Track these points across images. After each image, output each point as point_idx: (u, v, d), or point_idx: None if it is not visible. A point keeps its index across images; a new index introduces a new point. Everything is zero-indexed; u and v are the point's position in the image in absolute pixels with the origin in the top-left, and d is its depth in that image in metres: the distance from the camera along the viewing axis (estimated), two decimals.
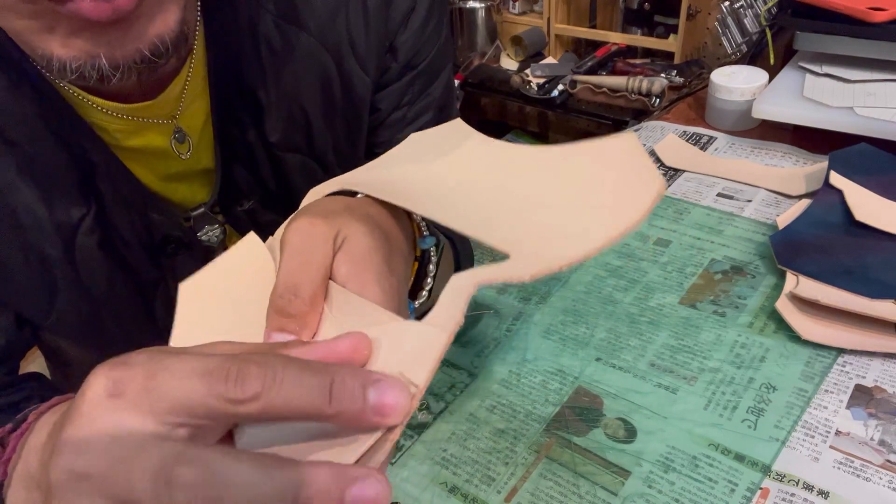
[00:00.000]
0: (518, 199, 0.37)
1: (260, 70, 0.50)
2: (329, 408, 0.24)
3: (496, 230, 0.34)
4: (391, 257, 0.34)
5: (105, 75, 0.36)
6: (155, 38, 0.36)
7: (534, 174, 0.38)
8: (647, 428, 0.52)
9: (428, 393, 0.57)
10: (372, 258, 0.32)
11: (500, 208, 0.36)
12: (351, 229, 0.33)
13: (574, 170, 0.38)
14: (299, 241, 0.32)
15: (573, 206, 0.35)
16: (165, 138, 0.49)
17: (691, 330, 0.60)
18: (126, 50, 0.36)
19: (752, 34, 1.23)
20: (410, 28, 0.55)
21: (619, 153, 0.37)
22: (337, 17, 0.51)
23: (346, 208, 0.35)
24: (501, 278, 0.30)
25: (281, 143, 0.53)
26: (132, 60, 0.36)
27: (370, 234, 0.33)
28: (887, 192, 0.69)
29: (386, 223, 0.37)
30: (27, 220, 0.46)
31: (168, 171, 0.51)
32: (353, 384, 0.25)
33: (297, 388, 0.24)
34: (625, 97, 1.68)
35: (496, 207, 0.36)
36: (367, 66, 0.54)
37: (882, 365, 0.54)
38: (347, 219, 0.33)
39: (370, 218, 0.35)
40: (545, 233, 0.34)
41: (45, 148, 0.45)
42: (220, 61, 0.48)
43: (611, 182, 0.36)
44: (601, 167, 0.37)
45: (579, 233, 0.33)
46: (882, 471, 0.47)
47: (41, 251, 0.47)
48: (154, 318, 0.55)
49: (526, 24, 2.17)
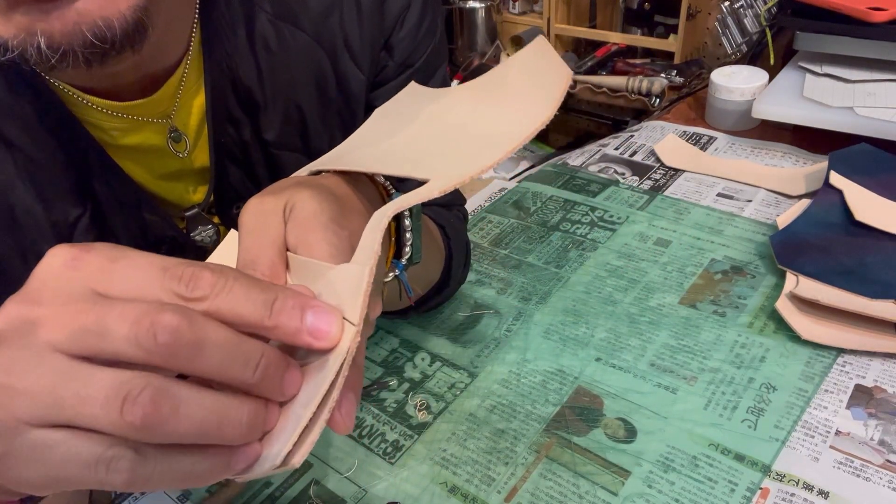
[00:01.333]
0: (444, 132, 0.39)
1: (255, 68, 0.50)
2: (269, 320, 0.26)
3: (421, 164, 0.36)
4: (343, 216, 0.35)
5: (45, 57, 0.35)
6: (99, 20, 0.35)
7: (460, 106, 0.40)
8: (647, 428, 0.52)
9: (428, 393, 0.57)
10: (318, 218, 0.33)
11: (428, 146, 0.38)
12: (297, 197, 0.34)
13: (491, 89, 0.40)
14: (251, 220, 0.33)
15: (487, 121, 0.37)
16: (161, 137, 0.49)
17: (691, 330, 0.60)
18: (65, 30, 0.35)
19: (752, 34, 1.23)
20: (406, 26, 0.55)
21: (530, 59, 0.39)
22: (331, 14, 0.52)
23: (297, 182, 0.36)
24: (414, 201, 0.32)
25: (277, 141, 0.53)
26: (74, 43, 0.35)
27: (316, 197, 0.34)
28: (887, 192, 0.69)
29: (339, 189, 0.37)
30: (25, 219, 0.46)
31: (164, 170, 0.51)
32: (293, 303, 0.27)
33: (243, 298, 0.26)
34: (625, 97, 1.68)
35: (425, 146, 0.38)
36: (361, 64, 0.54)
37: (882, 365, 0.54)
38: (295, 189, 0.34)
39: (321, 186, 0.36)
40: (461, 152, 0.36)
41: (43, 147, 0.45)
42: (216, 59, 0.48)
43: (521, 88, 0.38)
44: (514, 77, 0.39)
45: (492, 142, 0.34)
46: (882, 471, 0.47)
47: (38, 251, 0.47)
48: None
49: (526, 24, 2.17)
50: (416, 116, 0.41)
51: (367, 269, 0.29)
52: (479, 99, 0.40)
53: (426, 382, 0.59)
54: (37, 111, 0.44)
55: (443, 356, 0.61)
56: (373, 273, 0.29)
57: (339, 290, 0.29)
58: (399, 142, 0.39)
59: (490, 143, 0.34)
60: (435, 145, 0.37)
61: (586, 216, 0.78)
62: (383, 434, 0.54)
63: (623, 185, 0.83)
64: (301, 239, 0.32)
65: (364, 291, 0.28)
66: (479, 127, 0.37)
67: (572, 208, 0.79)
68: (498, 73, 0.41)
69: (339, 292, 0.29)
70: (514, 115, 0.36)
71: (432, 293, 0.61)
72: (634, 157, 0.89)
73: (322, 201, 0.34)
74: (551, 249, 0.73)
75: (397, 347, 0.63)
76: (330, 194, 0.35)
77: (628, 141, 0.93)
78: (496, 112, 0.37)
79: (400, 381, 0.59)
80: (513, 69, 0.40)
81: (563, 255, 0.72)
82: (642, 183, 0.83)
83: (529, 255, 0.72)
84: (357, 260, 0.30)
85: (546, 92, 0.35)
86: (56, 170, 0.46)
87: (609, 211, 0.78)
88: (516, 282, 0.69)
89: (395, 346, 0.63)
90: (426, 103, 0.42)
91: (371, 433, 0.55)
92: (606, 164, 0.88)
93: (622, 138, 0.94)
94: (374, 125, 0.43)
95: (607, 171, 0.86)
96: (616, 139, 0.94)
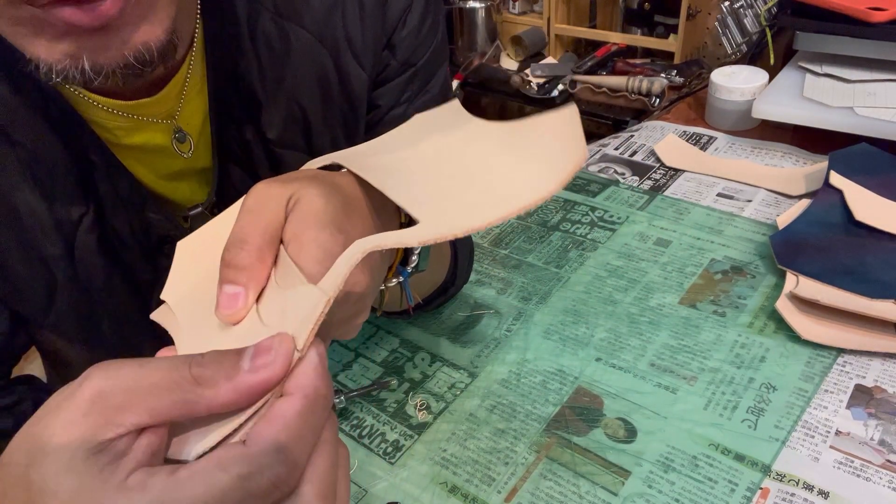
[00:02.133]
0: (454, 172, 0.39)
1: (258, 67, 0.50)
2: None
3: (420, 200, 0.36)
4: (346, 219, 0.34)
5: (88, 78, 0.36)
6: (140, 45, 0.37)
7: (479, 149, 0.40)
8: (647, 428, 0.52)
9: (428, 393, 0.57)
10: (318, 217, 0.33)
11: (436, 181, 0.38)
12: (304, 192, 0.34)
13: (509, 142, 0.40)
14: (253, 202, 0.33)
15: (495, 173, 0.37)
16: (165, 137, 0.49)
17: (691, 330, 0.60)
18: (109, 55, 0.36)
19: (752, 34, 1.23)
20: (409, 25, 0.55)
21: (556, 125, 0.39)
22: (334, 13, 0.52)
23: (309, 176, 0.36)
24: (390, 244, 0.32)
25: (279, 140, 0.53)
26: (116, 66, 0.37)
27: (323, 196, 0.34)
28: (887, 192, 0.69)
29: (351, 190, 0.37)
30: (28, 218, 0.46)
31: (168, 170, 0.51)
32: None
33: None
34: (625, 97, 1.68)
35: (433, 180, 0.38)
36: (363, 63, 0.54)
37: (882, 365, 0.54)
38: (304, 183, 0.34)
39: (333, 185, 0.36)
40: (458, 203, 0.36)
41: (48, 146, 0.45)
42: (218, 59, 0.48)
43: (535, 155, 0.38)
44: (534, 140, 0.39)
45: (488, 203, 0.34)
46: (882, 471, 0.47)
47: (42, 250, 0.47)
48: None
49: (526, 24, 2.17)
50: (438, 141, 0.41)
51: (326, 299, 0.29)
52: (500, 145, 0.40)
53: (426, 382, 0.59)
54: (42, 110, 0.44)
55: (443, 356, 0.61)
56: (329, 304, 0.29)
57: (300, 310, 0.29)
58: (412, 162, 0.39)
59: (487, 201, 0.35)
60: (440, 181, 0.37)
61: (586, 216, 0.78)
62: (383, 434, 0.54)
63: (623, 184, 0.83)
64: (296, 234, 0.32)
65: (317, 318, 0.28)
66: (486, 177, 0.37)
67: (572, 208, 0.79)
68: (527, 125, 0.40)
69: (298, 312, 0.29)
70: (521, 177, 0.36)
71: (437, 293, 0.61)
72: (634, 157, 0.89)
73: (329, 201, 0.34)
74: (551, 249, 0.73)
75: (397, 347, 0.63)
76: (339, 194, 0.35)
77: (628, 141, 0.93)
78: (508, 167, 0.38)
79: (400, 381, 0.59)
80: (540, 127, 0.40)
81: (563, 255, 0.72)
82: (642, 183, 0.83)
83: (529, 255, 0.72)
84: (323, 285, 0.30)
85: (558, 167, 0.35)
86: (60, 169, 0.46)
87: (609, 211, 0.78)
88: (516, 282, 0.69)
89: (395, 346, 0.63)
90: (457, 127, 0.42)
91: (371, 433, 0.55)
92: (606, 163, 0.88)
93: (622, 138, 0.94)
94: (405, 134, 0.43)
95: (607, 170, 0.86)
96: (616, 139, 0.94)
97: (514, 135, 0.40)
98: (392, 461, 0.52)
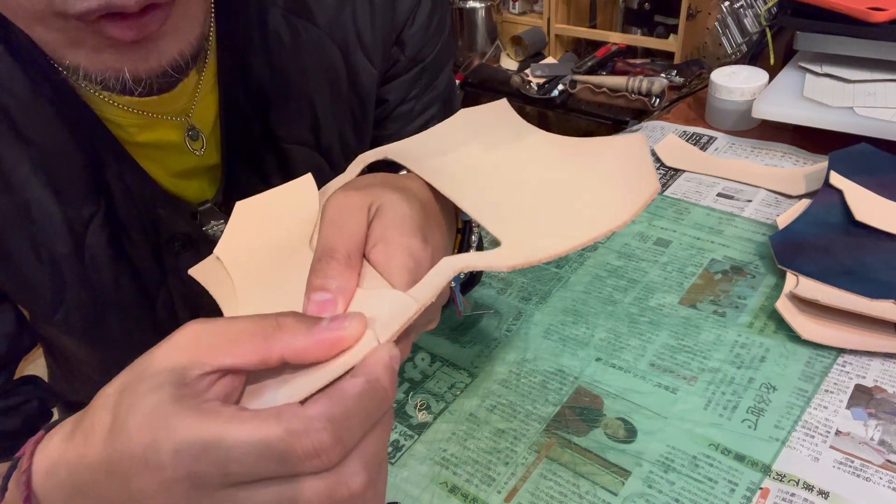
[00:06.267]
0: (527, 187, 0.39)
1: (268, 63, 0.50)
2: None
3: (498, 217, 0.36)
4: (426, 225, 0.35)
5: (128, 88, 0.38)
6: (176, 54, 0.38)
7: (548, 164, 0.40)
8: (647, 428, 0.52)
9: (428, 393, 0.57)
10: (405, 224, 0.34)
11: (508, 195, 0.38)
12: (385, 198, 0.35)
13: (581, 163, 0.40)
14: (334, 213, 0.34)
15: (571, 199, 0.37)
16: (178, 134, 0.49)
17: (691, 330, 0.60)
18: (148, 66, 0.37)
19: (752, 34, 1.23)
20: (418, 22, 0.56)
21: (625, 151, 0.39)
22: (344, 9, 0.52)
23: (383, 181, 0.37)
24: (482, 266, 0.33)
25: (287, 135, 0.54)
26: (154, 75, 0.38)
27: (405, 201, 0.35)
28: (887, 192, 0.69)
29: (423, 194, 0.38)
30: (39, 216, 0.46)
31: (180, 167, 0.51)
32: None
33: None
34: (625, 97, 1.68)
35: (506, 193, 0.38)
36: (373, 58, 0.54)
37: (882, 365, 0.54)
38: (382, 189, 0.35)
39: (407, 189, 0.37)
40: (538, 224, 0.36)
41: (61, 145, 0.45)
42: (229, 56, 0.49)
43: (610, 180, 0.38)
44: (606, 164, 0.39)
45: (569, 227, 0.35)
46: (882, 471, 0.47)
47: (52, 248, 0.47)
48: (156, 319, 0.55)
49: (526, 24, 2.17)
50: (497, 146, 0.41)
51: (417, 307, 0.30)
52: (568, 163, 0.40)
53: (426, 382, 0.59)
54: (56, 107, 0.45)
55: (443, 356, 0.61)
56: (420, 311, 0.30)
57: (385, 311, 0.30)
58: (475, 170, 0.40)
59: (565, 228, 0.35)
60: (515, 203, 0.37)
61: None
62: None
63: None
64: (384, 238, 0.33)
65: (403, 322, 0.29)
66: (561, 196, 0.37)
67: None
68: (594, 146, 0.40)
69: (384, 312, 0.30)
70: (598, 201, 0.36)
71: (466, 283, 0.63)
72: None
73: (410, 207, 0.35)
74: None
75: None
76: (416, 200, 0.36)
77: None
78: (584, 189, 0.38)
79: (400, 381, 0.59)
80: (610, 149, 0.40)
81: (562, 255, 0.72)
82: None
83: None
84: (414, 293, 0.31)
85: (633, 195, 0.35)
86: (73, 167, 0.46)
87: None
88: (516, 282, 0.69)
89: None
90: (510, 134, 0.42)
91: None
92: None
93: None
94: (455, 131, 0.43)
95: None
96: None
97: (581, 154, 0.40)
98: (392, 461, 0.52)
